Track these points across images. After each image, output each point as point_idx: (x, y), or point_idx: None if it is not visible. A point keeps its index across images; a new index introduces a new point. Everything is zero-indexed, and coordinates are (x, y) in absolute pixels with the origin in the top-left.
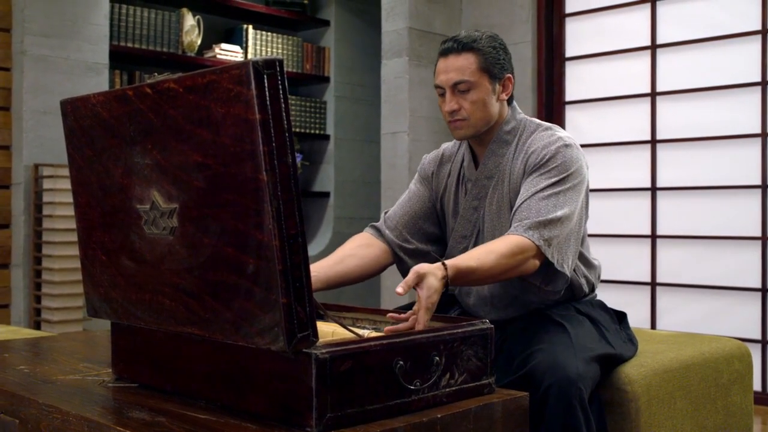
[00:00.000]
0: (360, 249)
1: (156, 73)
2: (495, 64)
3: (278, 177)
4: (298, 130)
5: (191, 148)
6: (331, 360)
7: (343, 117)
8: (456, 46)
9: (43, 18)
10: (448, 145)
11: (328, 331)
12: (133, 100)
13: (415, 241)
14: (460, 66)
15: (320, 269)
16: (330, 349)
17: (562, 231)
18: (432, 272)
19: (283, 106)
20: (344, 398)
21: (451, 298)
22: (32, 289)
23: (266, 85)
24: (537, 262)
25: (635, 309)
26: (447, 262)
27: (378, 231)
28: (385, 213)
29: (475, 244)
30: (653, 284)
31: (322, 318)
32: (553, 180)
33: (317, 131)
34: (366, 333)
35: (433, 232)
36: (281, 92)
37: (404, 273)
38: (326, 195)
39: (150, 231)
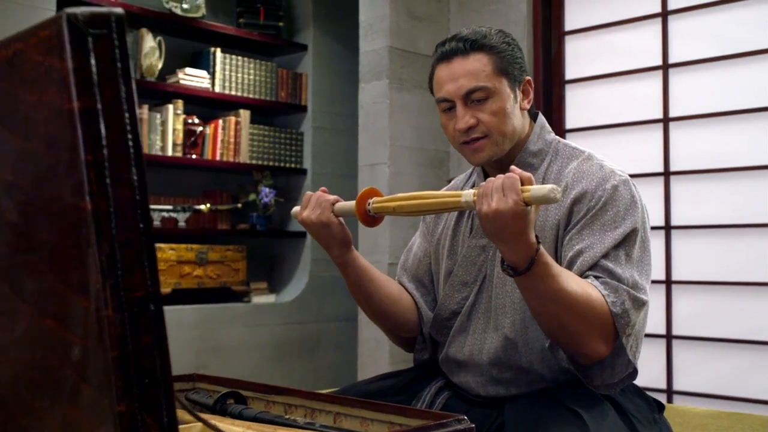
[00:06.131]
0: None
1: None
2: (513, 64)
3: (112, 205)
4: (272, 164)
5: None
6: None
7: (321, 149)
8: (462, 46)
9: None
10: (457, 181)
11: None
12: None
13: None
14: (472, 69)
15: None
16: None
17: (644, 319)
18: (531, 220)
19: (122, 88)
20: None
21: (434, 368)
22: None
23: (92, 52)
24: (604, 348)
25: (648, 366)
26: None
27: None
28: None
29: (479, 295)
30: (669, 337)
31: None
32: (619, 235)
33: (293, 165)
34: None
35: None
36: (119, 66)
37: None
38: (302, 235)
39: None
